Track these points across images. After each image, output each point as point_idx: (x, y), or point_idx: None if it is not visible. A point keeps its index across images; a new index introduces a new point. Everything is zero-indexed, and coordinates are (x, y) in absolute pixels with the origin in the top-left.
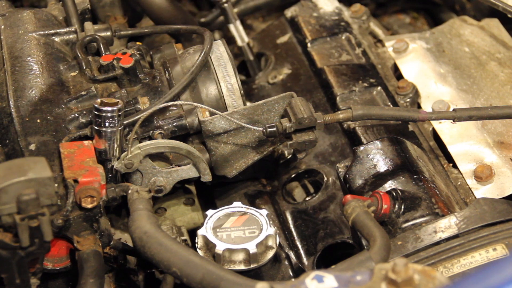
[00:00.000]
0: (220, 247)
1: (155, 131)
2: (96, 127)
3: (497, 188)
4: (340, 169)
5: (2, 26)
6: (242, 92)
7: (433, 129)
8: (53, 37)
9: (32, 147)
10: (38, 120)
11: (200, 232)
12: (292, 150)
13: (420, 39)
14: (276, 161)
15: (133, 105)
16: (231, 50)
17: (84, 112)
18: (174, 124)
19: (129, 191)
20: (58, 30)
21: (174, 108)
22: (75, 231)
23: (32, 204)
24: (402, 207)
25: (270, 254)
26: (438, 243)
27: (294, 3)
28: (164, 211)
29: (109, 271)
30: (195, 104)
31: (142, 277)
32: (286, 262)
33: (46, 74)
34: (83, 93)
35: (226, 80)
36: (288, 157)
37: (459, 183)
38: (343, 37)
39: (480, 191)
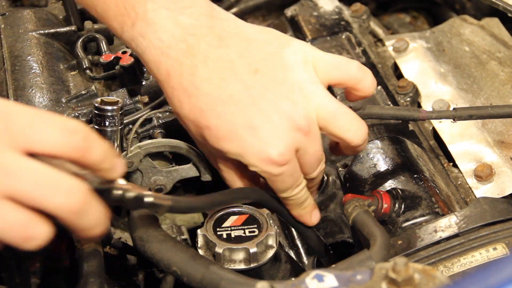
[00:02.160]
0: (220, 246)
1: (155, 130)
2: (96, 126)
3: (498, 187)
4: (340, 168)
5: (2, 25)
6: None
7: (433, 128)
8: (53, 36)
9: None
10: None
11: (200, 231)
12: None
13: (420, 38)
14: None
15: (133, 104)
16: None
17: (84, 111)
18: (174, 123)
19: None
20: (58, 29)
21: None
22: None
23: None
24: (403, 206)
25: (270, 253)
26: (438, 242)
27: (294, 2)
28: None
29: (109, 270)
30: None
31: (142, 276)
32: (287, 261)
33: (46, 73)
34: (83, 92)
35: None
36: None
37: (459, 182)
38: (343, 36)
39: (480, 190)
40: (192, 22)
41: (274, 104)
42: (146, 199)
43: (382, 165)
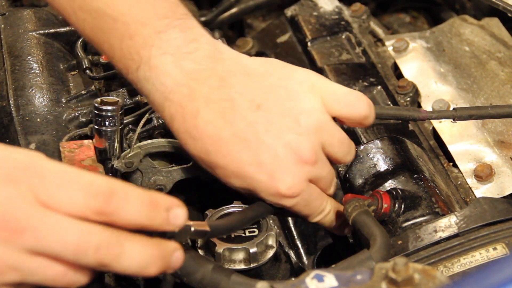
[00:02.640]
0: (220, 247)
1: (155, 130)
2: (96, 126)
3: (497, 187)
4: (340, 168)
5: (2, 25)
6: None
7: (433, 128)
8: (53, 36)
9: (32, 146)
10: (38, 120)
11: None
12: None
13: (420, 38)
14: None
15: (133, 104)
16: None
17: (84, 111)
18: None
19: None
20: (58, 29)
21: None
22: None
23: None
24: (402, 207)
25: (270, 253)
26: (438, 242)
27: (294, 2)
28: None
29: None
30: None
31: (142, 277)
32: (286, 261)
33: (46, 73)
34: (83, 92)
35: None
36: None
37: (459, 182)
38: (343, 36)
39: (480, 190)
40: (195, 66)
41: (279, 137)
42: (192, 229)
43: (382, 165)
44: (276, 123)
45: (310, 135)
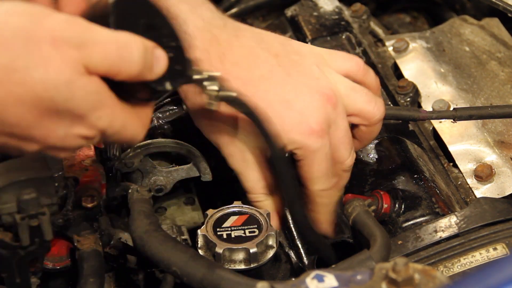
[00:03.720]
0: (220, 247)
1: (155, 130)
2: None
3: (498, 187)
4: None
5: None
6: None
7: (433, 129)
8: None
9: None
10: None
11: (200, 231)
12: None
13: (420, 38)
14: None
15: None
16: None
17: None
18: (174, 124)
19: (129, 191)
20: None
21: (174, 107)
22: (75, 230)
23: (32, 204)
24: (403, 207)
25: (271, 253)
26: (438, 242)
27: (294, 2)
28: (164, 211)
29: (109, 270)
30: None
31: (142, 277)
32: (287, 262)
33: None
34: None
35: None
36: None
37: (459, 182)
38: (343, 37)
39: (481, 191)
40: (211, 14)
41: (300, 80)
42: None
43: (382, 165)
44: (295, 70)
45: (326, 79)
